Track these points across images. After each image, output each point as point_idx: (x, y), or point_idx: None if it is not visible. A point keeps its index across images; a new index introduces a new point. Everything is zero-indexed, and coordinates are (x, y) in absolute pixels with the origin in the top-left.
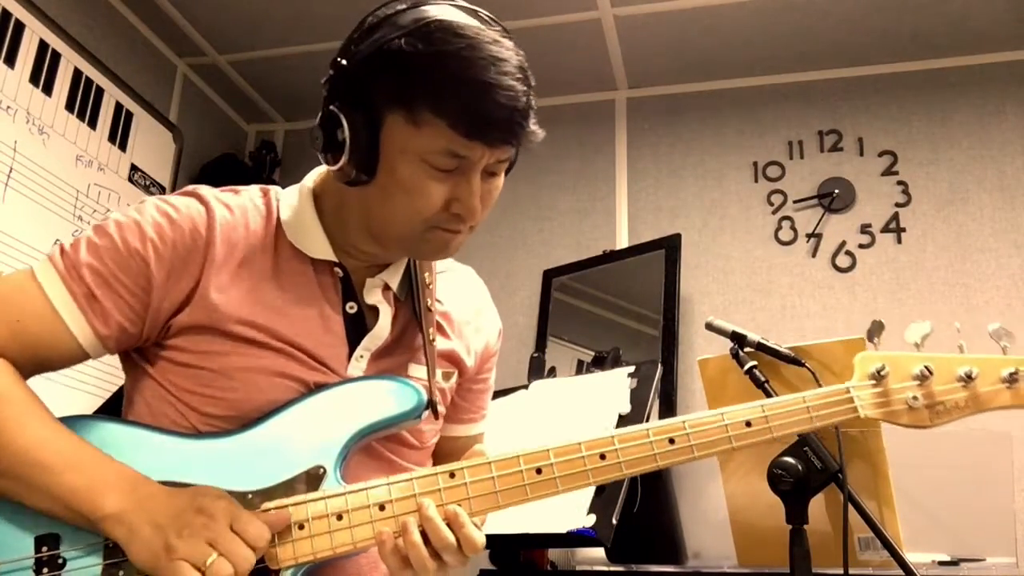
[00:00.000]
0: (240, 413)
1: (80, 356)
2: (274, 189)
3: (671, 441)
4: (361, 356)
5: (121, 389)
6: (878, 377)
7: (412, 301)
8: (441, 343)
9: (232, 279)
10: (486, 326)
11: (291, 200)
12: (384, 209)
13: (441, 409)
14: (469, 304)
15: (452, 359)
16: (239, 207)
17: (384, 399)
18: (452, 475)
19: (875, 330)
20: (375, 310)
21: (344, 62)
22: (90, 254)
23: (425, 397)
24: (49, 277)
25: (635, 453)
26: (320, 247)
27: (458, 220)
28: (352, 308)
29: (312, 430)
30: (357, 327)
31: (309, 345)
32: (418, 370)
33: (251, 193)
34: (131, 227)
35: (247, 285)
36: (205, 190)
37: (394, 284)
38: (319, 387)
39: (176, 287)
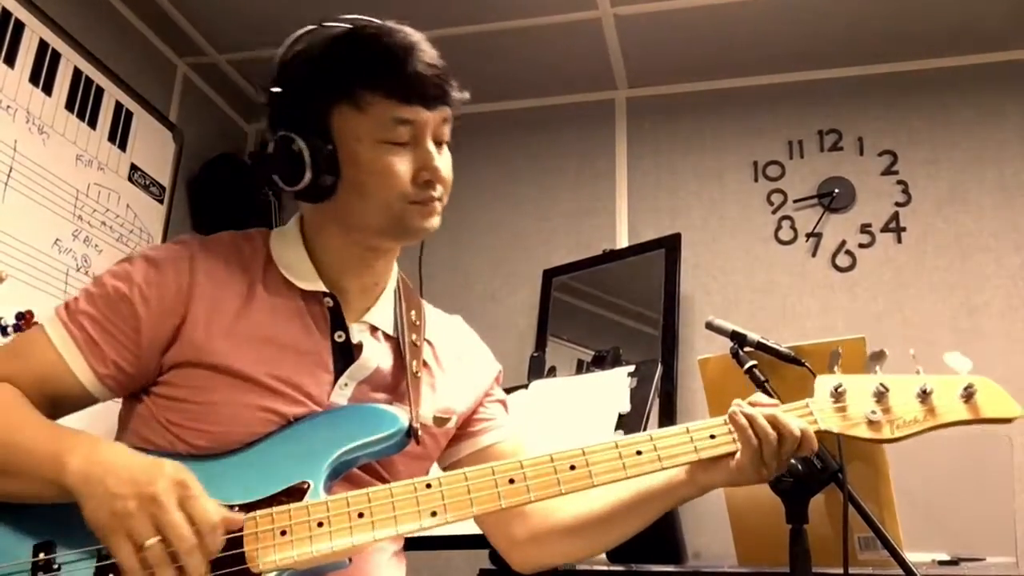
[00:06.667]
0: (224, 445)
1: (85, 396)
2: (271, 231)
3: (639, 453)
4: (346, 384)
5: None
6: (836, 394)
7: (398, 338)
8: (432, 389)
9: (218, 315)
10: (480, 370)
11: (283, 236)
12: (361, 203)
13: (428, 439)
14: (460, 350)
15: (444, 404)
16: (226, 247)
17: (367, 422)
18: (428, 485)
19: (833, 359)
20: (362, 344)
21: (278, 90)
22: (87, 303)
23: (406, 422)
24: (55, 326)
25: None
26: (309, 278)
27: (429, 187)
28: (340, 337)
29: (298, 450)
30: (344, 356)
31: (294, 375)
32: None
33: (243, 235)
34: (121, 274)
35: (233, 319)
36: (192, 236)
37: (382, 324)
38: (300, 420)
39: (163, 325)
